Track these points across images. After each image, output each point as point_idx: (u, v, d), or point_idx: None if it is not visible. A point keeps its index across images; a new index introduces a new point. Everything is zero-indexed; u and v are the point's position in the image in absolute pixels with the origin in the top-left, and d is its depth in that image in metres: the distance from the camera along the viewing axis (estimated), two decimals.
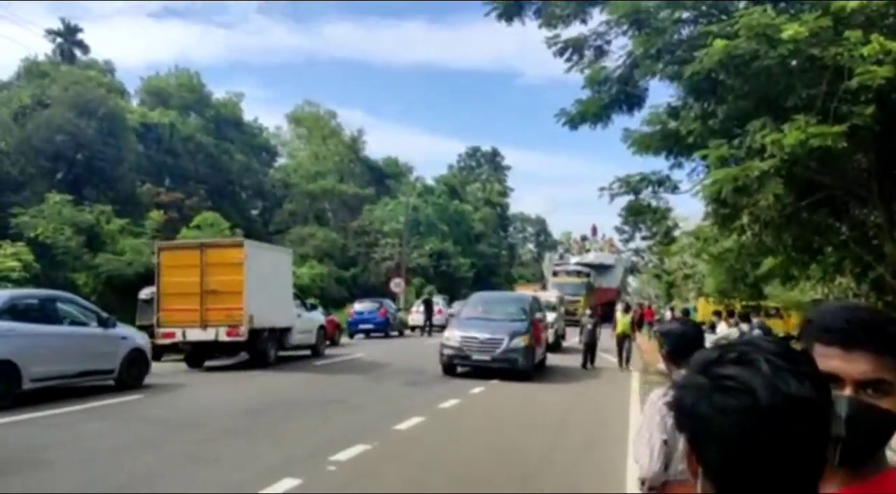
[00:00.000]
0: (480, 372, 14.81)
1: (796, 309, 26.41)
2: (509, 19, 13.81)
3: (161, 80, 48.54)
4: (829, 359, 1.15)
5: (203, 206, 39.42)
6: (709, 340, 10.38)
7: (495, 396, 12.83)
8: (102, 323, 11.88)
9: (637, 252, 57.91)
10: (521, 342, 15.09)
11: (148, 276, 19.50)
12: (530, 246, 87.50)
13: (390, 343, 26.38)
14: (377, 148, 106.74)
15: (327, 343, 21.28)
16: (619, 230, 54.44)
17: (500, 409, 11.46)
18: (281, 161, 58.90)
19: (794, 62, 10.18)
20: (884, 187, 13.57)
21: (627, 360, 18.40)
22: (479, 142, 79.48)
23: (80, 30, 48.14)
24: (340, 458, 7.41)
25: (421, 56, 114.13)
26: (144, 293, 17.62)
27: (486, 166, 76.47)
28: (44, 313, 10.98)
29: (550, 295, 28.12)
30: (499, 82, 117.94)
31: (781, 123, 10.16)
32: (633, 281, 69.06)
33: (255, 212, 54.05)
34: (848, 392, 1.14)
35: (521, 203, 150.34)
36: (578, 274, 44.43)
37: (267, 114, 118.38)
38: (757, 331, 10.87)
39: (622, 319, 19.11)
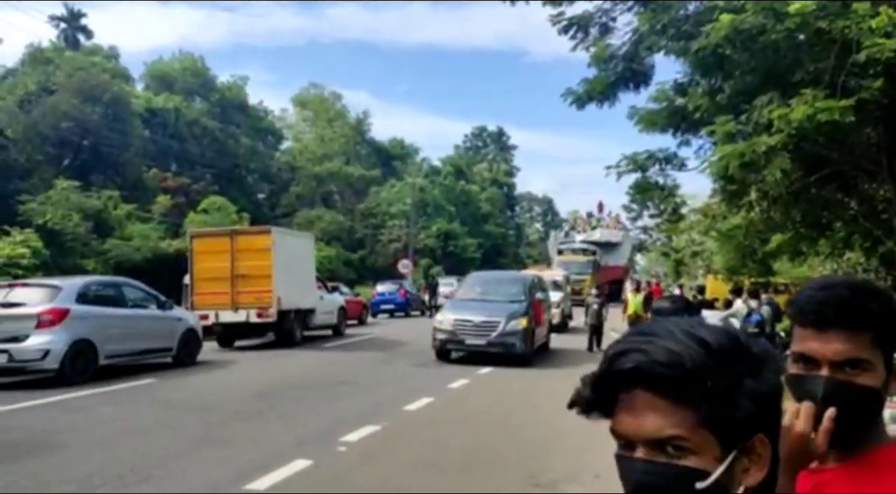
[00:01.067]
0: (476, 357, 14.02)
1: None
2: None
3: (165, 65, 48.41)
4: (805, 341, 1.18)
5: (210, 191, 39.47)
6: (717, 317, 10.37)
7: (504, 376, 12.89)
8: (161, 306, 13.19)
9: (645, 230, 57.78)
10: (518, 324, 14.14)
11: (156, 261, 19.89)
12: (538, 225, 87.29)
13: (409, 322, 27.07)
14: (383, 129, 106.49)
15: (355, 322, 23.64)
16: (626, 208, 54.29)
17: (508, 389, 11.54)
18: (287, 144, 58.75)
19: (801, 36, 10.05)
20: (893, 161, 13.44)
21: None
22: (484, 122, 79.05)
23: (84, 15, 48.06)
24: (351, 439, 7.49)
25: (425, 36, 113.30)
26: (187, 279, 18.32)
27: (492, 146, 76.11)
28: (112, 297, 12.24)
29: (556, 274, 27.61)
30: (504, 61, 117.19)
31: (789, 98, 10.06)
32: (641, 260, 68.86)
33: (261, 196, 54.03)
34: (824, 372, 1.15)
35: (529, 183, 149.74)
36: (584, 252, 43.43)
37: (272, 97, 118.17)
38: (766, 308, 10.85)
39: (633, 299, 18.26)
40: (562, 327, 22.33)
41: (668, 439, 0.78)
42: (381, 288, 31.93)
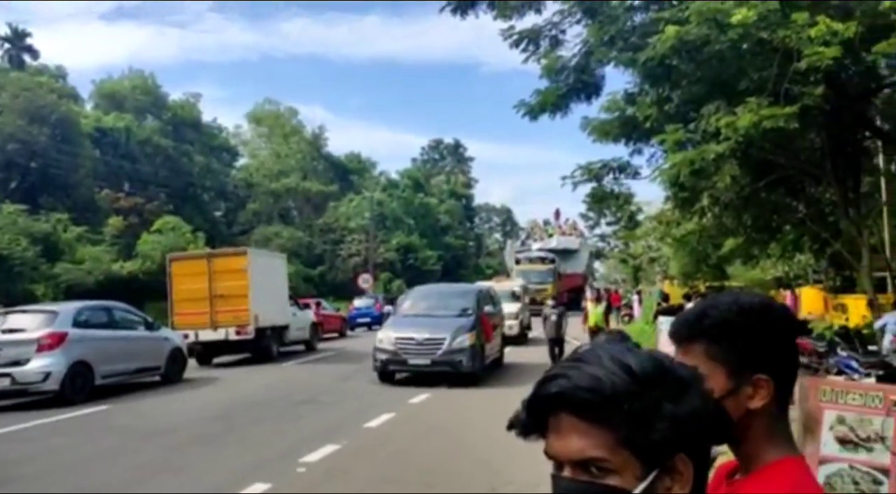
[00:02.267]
0: (421, 378, 13.05)
1: (759, 287, 27.00)
2: (464, 14, 13.76)
3: (115, 83, 47.48)
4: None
5: (164, 210, 38.78)
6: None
7: (465, 391, 12.81)
8: (149, 327, 13.93)
9: (603, 237, 58.45)
10: (465, 340, 13.11)
11: (109, 283, 19.75)
12: (497, 235, 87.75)
13: None
14: (339, 144, 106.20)
15: (336, 335, 25.29)
16: (584, 216, 54.80)
17: (469, 403, 11.48)
18: (242, 161, 58.12)
19: (744, 46, 10.32)
20: (836, 165, 13.89)
21: None
22: (441, 135, 79.51)
23: (29, 35, 46.85)
24: (311, 459, 7.36)
25: (380, 50, 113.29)
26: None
27: (449, 158, 76.43)
28: (104, 320, 12.89)
29: (514, 284, 27.02)
30: (460, 73, 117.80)
31: (735, 106, 10.32)
32: (600, 267, 69.59)
33: (218, 214, 53.35)
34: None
35: (488, 194, 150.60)
36: (543, 260, 41.77)
37: (226, 113, 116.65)
38: None
39: (594, 310, 17.56)
40: (520, 339, 21.86)
41: (590, 460, 0.83)
42: (358, 302, 32.77)
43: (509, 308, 20.74)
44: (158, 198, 41.24)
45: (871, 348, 10.48)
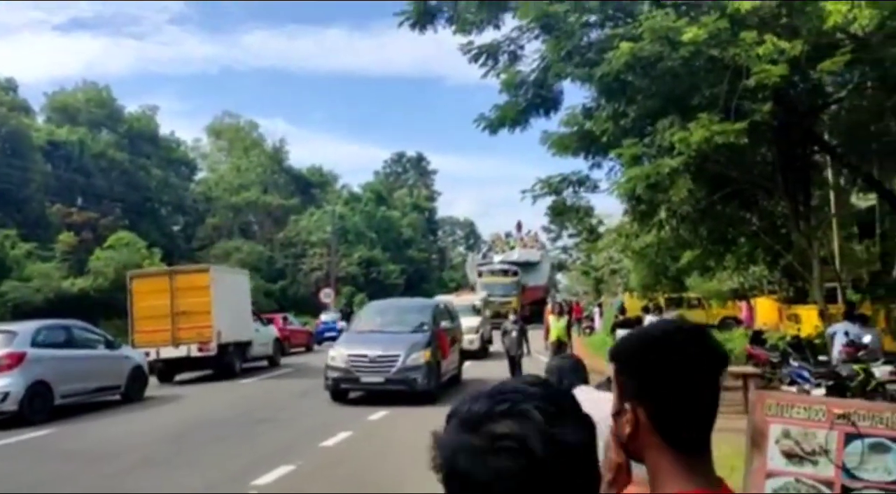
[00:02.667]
0: (382, 395, 12.61)
1: (716, 298, 27.47)
2: (422, 28, 13.79)
3: (68, 96, 46.42)
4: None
5: (119, 225, 37.91)
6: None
7: (426, 407, 12.65)
8: (109, 345, 13.93)
9: (565, 249, 58.91)
10: (420, 357, 12.75)
11: (58, 302, 19.44)
12: (461, 248, 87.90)
13: None
14: (301, 157, 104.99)
15: (303, 349, 25.89)
16: (546, 229, 55.23)
17: (429, 420, 11.27)
18: (202, 174, 57.28)
19: (696, 63, 10.54)
20: (787, 179, 14.25)
21: None
22: (405, 148, 79.32)
23: None
24: (263, 481, 7.19)
25: (343, 63, 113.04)
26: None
27: (412, 171, 76.43)
28: (64, 339, 12.85)
29: (474, 298, 26.73)
30: (423, 87, 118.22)
31: (688, 121, 10.51)
32: (562, 279, 70.13)
33: (176, 228, 52.41)
34: None
35: (452, 206, 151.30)
36: (505, 273, 41.49)
37: (185, 126, 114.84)
38: None
39: (556, 324, 16.99)
40: (481, 353, 21.71)
41: None
42: (325, 317, 32.82)
43: (470, 322, 20.68)
44: (113, 213, 40.35)
45: (822, 358, 10.70)
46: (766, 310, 25.16)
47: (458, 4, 13.28)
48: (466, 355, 18.21)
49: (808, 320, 17.96)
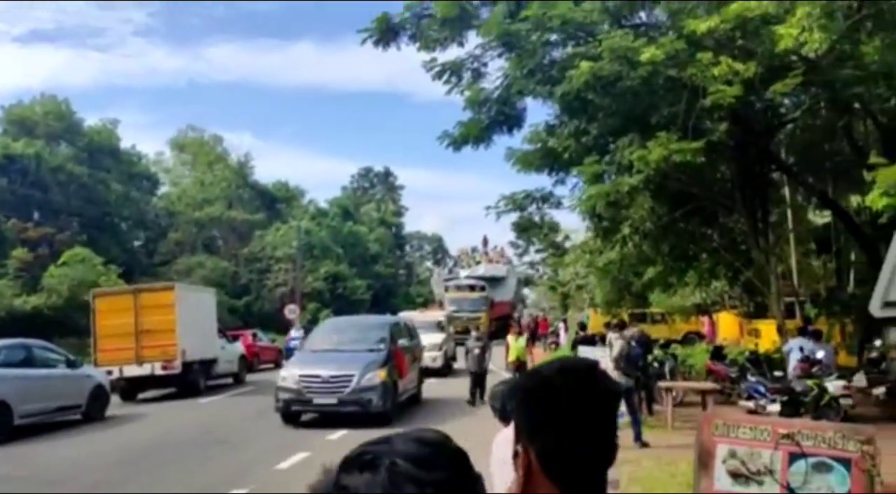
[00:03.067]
0: (328, 419, 11.95)
1: (679, 313, 27.82)
2: (386, 45, 13.83)
3: (26, 109, 45.35)
4: None
5: (77, 241, 37.03)
6: (599, 353, 10.57)
7: (385, 428, 12.50)
8: (70, 365, 13.75)
9: (532, 265, 59.10)
10: (376, 377, 12.13)
11: (10, 320, 18.94)
12: (428, 264, 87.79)
13: None
14: (268, 172, 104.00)
15: (272, 365, 25.36)
16: (513, 244, 55.36)
17: None
18: (164, 189, 56.35)
19: (655, 82, 10.71)
20: (745, 197, 14.53)
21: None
22: (373, 163, 79.21)
23: None
24: None
25: (311, 77, 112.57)
26: None
27: (379, 186, 76.25)
28: (24, 358, 12.64)
29: (438, 314, 26.09)
30: (391, 102, 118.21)
31: (648, 140, 10.68)
32: (530, 294, 70.39)
33: (137, 244, 51.42)
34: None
35: (420, 222, 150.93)
36: (472, 288, 40.31)
37: (149, 140, 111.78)
38: (620, 343, 10.71)
39: (515, 344, 16.42)
40: (445, 371, 21.13)
41: None
42: (294, 333, 32.16)
43: (433, 339, 20.22)
44: (71, 228, 39.42)
45: (778, 373, 10.86)
46: (727, 325, 25.55)
47: (420, 22, 13.33)
48: (429, 373, 17.97)
49: (768, 335, 18.27)
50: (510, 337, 16.76)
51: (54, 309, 29.30)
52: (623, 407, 9.50)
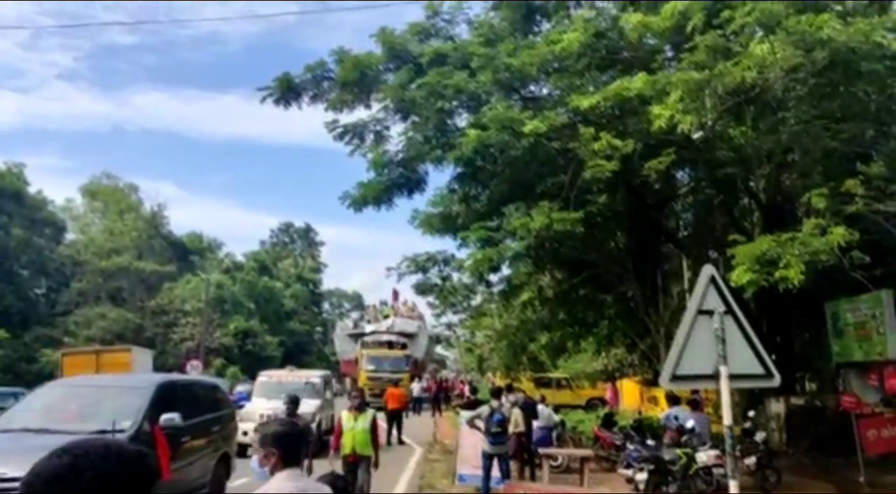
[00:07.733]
0: None
1: (586, 379, 28.20)
2: (287, 104, 13.85)
3: None
4: None
5: None
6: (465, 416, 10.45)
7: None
8: None
9: (450, 326, 58.97)
10: None
11: None
12: (348, 321, 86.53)
13: None
14: (188, 222, 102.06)
15: None
16: (431, 305, 55.08)
17: None
18: (71, 236, 54.03)
19: (539, 152, 11.08)
20: (638, 266, 15.02)
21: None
22: (298, 217, 78.91)
23: None
24: None
25: (239, 129, 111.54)
26: None
27: (299, 242, 75.51)
28: None
29: (312, 374, 18.89)
30: (317, 157, 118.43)
31: (533, 208, 10.97)
32: (450, 354, 69.95)
33: (39, 292, 48.88)
34: None
35: (346, 278, 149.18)
36: (391, 345, 36.42)
37: (67, 185, 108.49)
38: (506, 407, 10.57)
39: (353, 427, 11.72)
40: (317, 451, 11.27)
41: None
42: (241, 388, 32.47)
43: (304, 407, 12.49)
44: None
45: (650, 442, 11.00)
46: (630, 392, 25.95)
47: (321, 84, 13.48)
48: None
49: (664, 402, 18.66)
50: (344, 414, 8.94)
51: None
52: (496, 472, 9.42)
